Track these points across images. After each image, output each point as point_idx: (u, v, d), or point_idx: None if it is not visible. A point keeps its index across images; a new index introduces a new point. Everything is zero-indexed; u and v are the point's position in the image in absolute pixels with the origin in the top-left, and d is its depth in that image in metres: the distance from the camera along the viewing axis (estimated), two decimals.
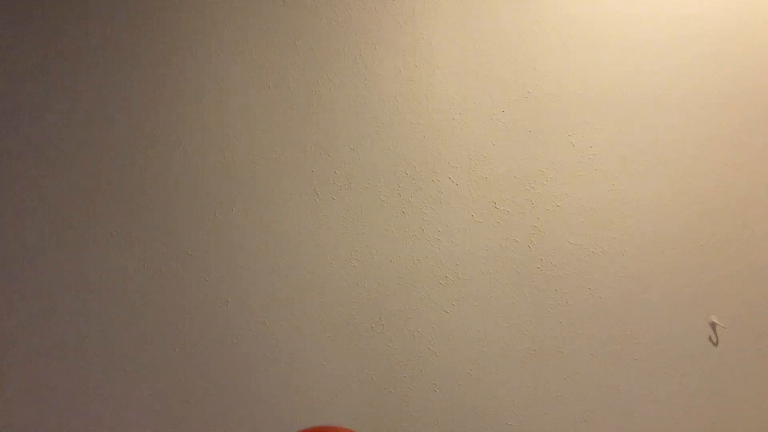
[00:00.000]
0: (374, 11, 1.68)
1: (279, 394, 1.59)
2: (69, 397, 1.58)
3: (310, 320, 1.60)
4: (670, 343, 1.59)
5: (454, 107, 1.65)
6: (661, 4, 1.66)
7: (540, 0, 1.66)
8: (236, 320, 1.60)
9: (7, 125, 1.65)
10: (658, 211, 1.61)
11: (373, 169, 1.64)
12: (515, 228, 1.62)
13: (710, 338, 1.59)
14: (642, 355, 1.59)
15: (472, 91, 1.65)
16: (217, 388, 1.59)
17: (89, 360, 1.59)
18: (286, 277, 1.61)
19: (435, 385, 1.59)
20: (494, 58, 1.66)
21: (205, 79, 1.67)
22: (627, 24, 1.66)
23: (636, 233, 1.61)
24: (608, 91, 1.64)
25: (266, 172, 1.64)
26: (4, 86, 1.66)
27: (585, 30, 1.66)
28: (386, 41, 1.67)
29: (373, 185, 1.63)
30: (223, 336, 1.60)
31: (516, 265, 1.61)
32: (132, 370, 1.59)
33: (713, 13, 1.66)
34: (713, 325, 1.59)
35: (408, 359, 1.59)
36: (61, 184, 1.63)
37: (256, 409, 1.58)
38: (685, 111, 1.64)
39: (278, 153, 1.65)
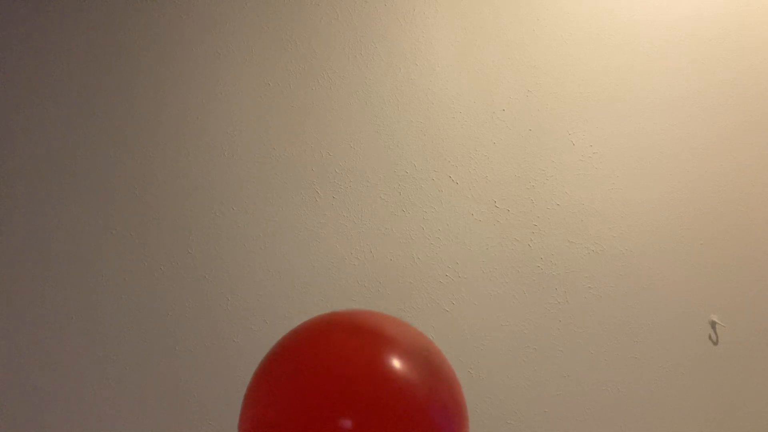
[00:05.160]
0: (374, 10, 1.68)
1: None
2: (67, 396, 1.58)
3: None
4: (669, 342, 1.59)
5: (454, 105, 1.65)
6: (661, 4, 1.66)
7: None
8: (236, 319, 1.60)
9: (7, 123, 1.65)
10: (658, 209, 1.61)
11: (373, 167, 1.64)
12: (515, 227, 1.61)
13: (710, 337, 1.59)
14: (642, 354, 1.59)
15: (472, 89, 1.65)
16: (217, 387, 1.59)
17: (88, 358, 1.59)
18: (285, 276, 1.61)
19: None
20: (494, 57, 1.65)
21: (205, 78, 1.66)
22: (627, 23, 1.65)
23: (636, 232, 1.61)
24: (609, 90, 1.64)
25: (266, 171, 1.64)
26: (4, 84, 1.66)
27: (585, 28, 1.65)
28: (386, 40, 1.67)
29: (373, 184, 1.63)
30: (223, 334, 1.60)
31: (516, 263, 1.61)
32: (131, 368, 1.59)
33: (713, 13, 1.65)
34: (713, 324, 1.59)
35: None
36: (60, 182, 1.63)
37: None
38: (686, 110, 1.63)
39: (278, 152, 1.65)
